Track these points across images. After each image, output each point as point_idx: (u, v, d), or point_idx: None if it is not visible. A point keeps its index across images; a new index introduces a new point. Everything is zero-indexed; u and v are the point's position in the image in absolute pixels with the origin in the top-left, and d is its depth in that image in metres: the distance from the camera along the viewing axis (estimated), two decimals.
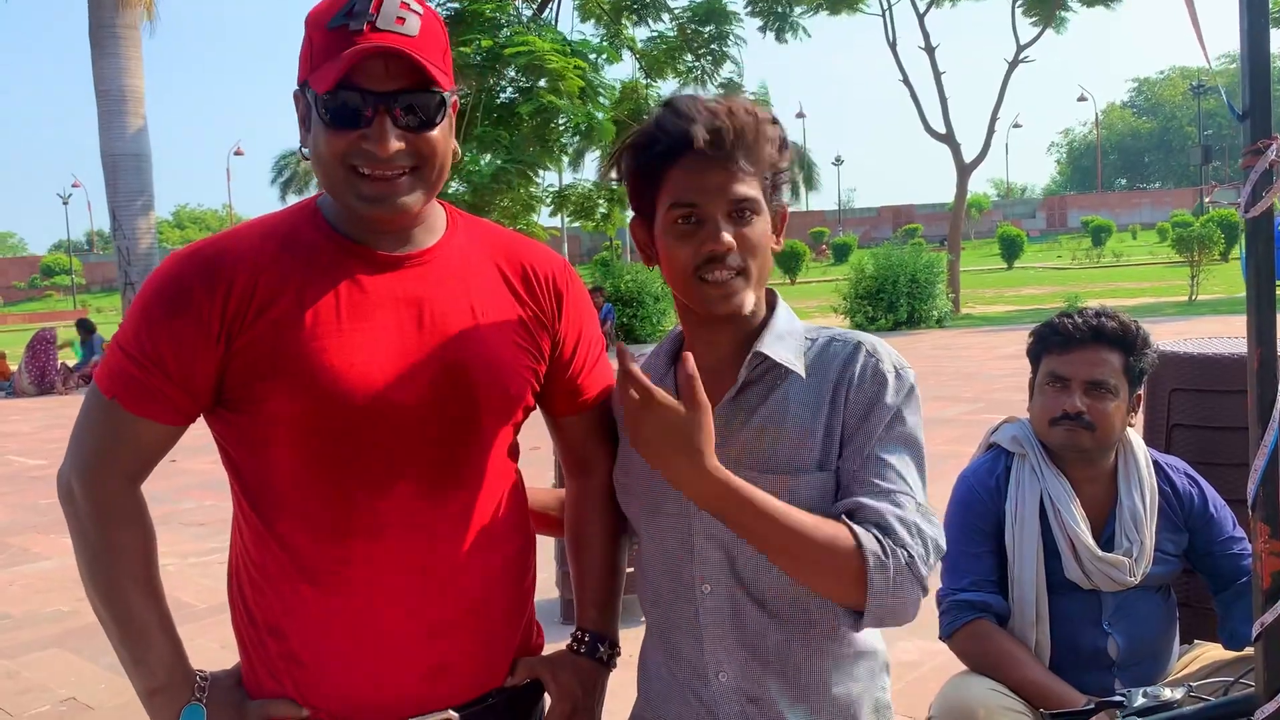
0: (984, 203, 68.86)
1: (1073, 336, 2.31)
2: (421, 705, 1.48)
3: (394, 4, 1.36)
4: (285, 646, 1.46)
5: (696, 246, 1.43)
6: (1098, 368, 2.28)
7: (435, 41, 1.41)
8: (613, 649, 1.69)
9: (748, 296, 1.46)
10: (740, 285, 1.45)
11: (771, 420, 1.48)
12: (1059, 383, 2.31)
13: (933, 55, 23.32)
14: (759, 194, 1.46)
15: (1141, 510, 2.28)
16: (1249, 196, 1.38)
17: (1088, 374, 2.28)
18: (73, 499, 1.44)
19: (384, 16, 1.35)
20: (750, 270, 1.45)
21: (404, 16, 1.37)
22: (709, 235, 1.43)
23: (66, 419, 10.66)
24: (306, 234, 1.46)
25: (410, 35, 1.37)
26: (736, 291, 1.45)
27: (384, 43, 1.35)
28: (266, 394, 1.39)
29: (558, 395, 1.64)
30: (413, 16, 1.38)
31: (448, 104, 1.43)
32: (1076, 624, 2.26)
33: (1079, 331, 2.31)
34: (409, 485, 1.44)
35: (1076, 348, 2.31)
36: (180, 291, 1.39)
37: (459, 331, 1.47)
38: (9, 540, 6.81)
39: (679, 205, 1.44)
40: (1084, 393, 2.28)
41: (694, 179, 1.44)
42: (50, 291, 66.25)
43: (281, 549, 1.44)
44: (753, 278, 1.46)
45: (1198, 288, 22.77)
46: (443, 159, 1.44)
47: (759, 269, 1.47)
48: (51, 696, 4.13)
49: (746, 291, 1.46)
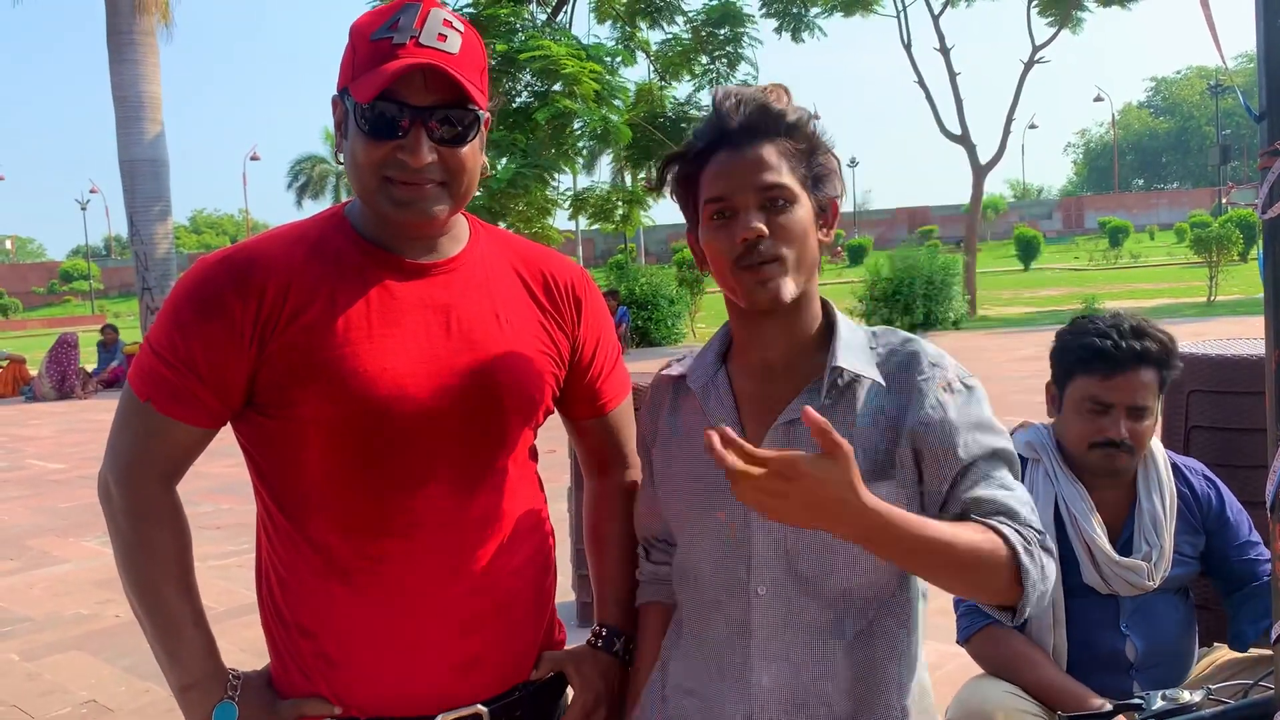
0: (1000, 204, 68.61)
1: (1118, 361, 2.21)
2: (452, 700, 1.51)
3: (437, 20, 1.41)
4: (317, 646, 1.49)
5: (731, 238, 1.43)
6: (1139, 392, 2.21)
7: (474, 60, 1.44)
8: (630, 644, 1.71)
9: (786, 284, 1.43)
10: (776, 272, 1.42)
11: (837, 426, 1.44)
12: (1099, 407, 2.23)
13: (947, 56, 23.26)
14: (792, 182, 1.44)
15: (1161, 514, 2.26)
16: (1266, 197, 1.38)
17: (1132, 399, 2.21)
18: (110, 498, 1.48)
19: (427, 32, 1.39)
20: (786, 258, 1.42)
21: (446, 34, 1.41)
22: (741, 225, 1.42)
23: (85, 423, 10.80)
24: (335, 241, 1.49)
25: (451, 53, 1.41)
26: (773, 278, 1.42)
27: (426, 59, 1.38)
28: (300, 398, 1.41)
29: (577, 399, 1.69)
30: (454, 34, 1.42)
31: (481, 121, 1.46)
32: (1094, 627, 2.24)
33: (1125, 355, 2.20)
34: (439, 485, 1.47)
35: (1119, 372, 2.21)
36: (213, 296, 1.42)
37: (484, 337, 1.51)
38: (29, 543, 6.87)
39: (711, 200, 1.45)
40: (1126, 417, 2.21)
41: (723, 172, 1.44)
42: (69, 297, 66.77)
43: (313, 550, 1.47)
44: (789, 265, 1.43)
45: (1216, 288, 22.61)
46: (471, 174, 1.47)
47: (797, 257, 1.44)
48: (72, 699, 4.16)
49: (785, 279, 1.42)
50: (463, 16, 1.57)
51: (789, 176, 1.44)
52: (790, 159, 1.45)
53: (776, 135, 1.45)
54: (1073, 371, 2.28)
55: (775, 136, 1.45)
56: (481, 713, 1.53)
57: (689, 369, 1.60)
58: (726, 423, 1.50)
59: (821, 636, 1.47)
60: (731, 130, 1.44)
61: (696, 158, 1.48)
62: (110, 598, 5.51)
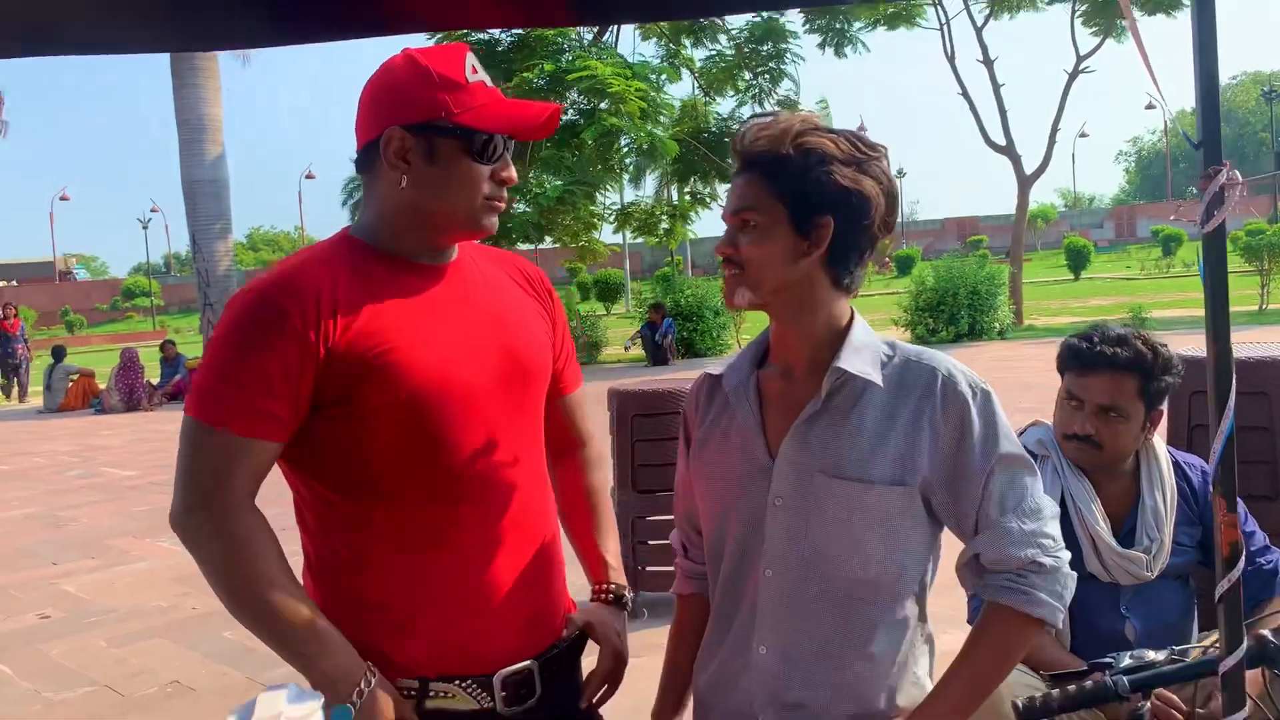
0: (1050, 213, 67.63)
1: (1089, 361, 2.40)
2: (511, 656, 1.63)
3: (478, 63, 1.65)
4: (388, 617, 1.59)
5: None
6: (1110, 393, 2.37)
7: None
8: (633, 595, 1.92)
9: (740, 293, 1.59)
10: (734, 283, 1.59)
11: (846, 428, 1.58)
12: (1074, 401, 2.42)
13: (991, 68, 23.12)
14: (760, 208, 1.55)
15: (1163, 509, 2.41)
16: (1204, 214, 1.58)
17: (1100, 398, 2.38)
18: (199, 534, 1.52)
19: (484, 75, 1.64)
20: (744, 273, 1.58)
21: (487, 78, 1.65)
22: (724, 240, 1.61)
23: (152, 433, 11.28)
24: (356, 258, 1.63)
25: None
26: (732, 288, 1.60)
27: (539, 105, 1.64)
28: (361, 395, 1.54)
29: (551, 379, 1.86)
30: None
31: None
32: (1095, 611, 2.38)
33: (1096, 357, 2.39)
34: (494, 450, 1.63)
35: (1092, 371, 2.39)
36: (277, 315, 1.51)
37: (504, 322, 1.71)
38: (110, 543, 7.23)
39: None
40: (1095, 414, 2.38)
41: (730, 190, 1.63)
42: (131, 313, 67.87)
43: (385, 528, 1.59)
44: (745, 279, 1.58)
45: (1268, 296, 22.23)
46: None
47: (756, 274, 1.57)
48: (158, 679, 4.48)
49: (739, 289, 1.58)
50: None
51: (759, 203, 1.56)
52: (767, 187, 1.55)
53: (760, 164, 1.57)
54: (1062, 369, 2.49)
55: (759, 165, 1.57)
56: (533, 668, 1.66)
57: (725, 370, 1.73)
58: (751, 421, 1.65)
59: (815, 620, 1.60)
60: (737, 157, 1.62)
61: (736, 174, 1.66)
62: (187, 591, 5.83)
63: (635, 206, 20.74)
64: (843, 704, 1.60)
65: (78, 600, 5.81)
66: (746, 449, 1.65)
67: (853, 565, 1.58)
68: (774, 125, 1.57)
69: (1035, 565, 1.57)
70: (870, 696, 1.61)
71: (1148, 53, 1.65)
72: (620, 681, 1.85)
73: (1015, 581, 1.57)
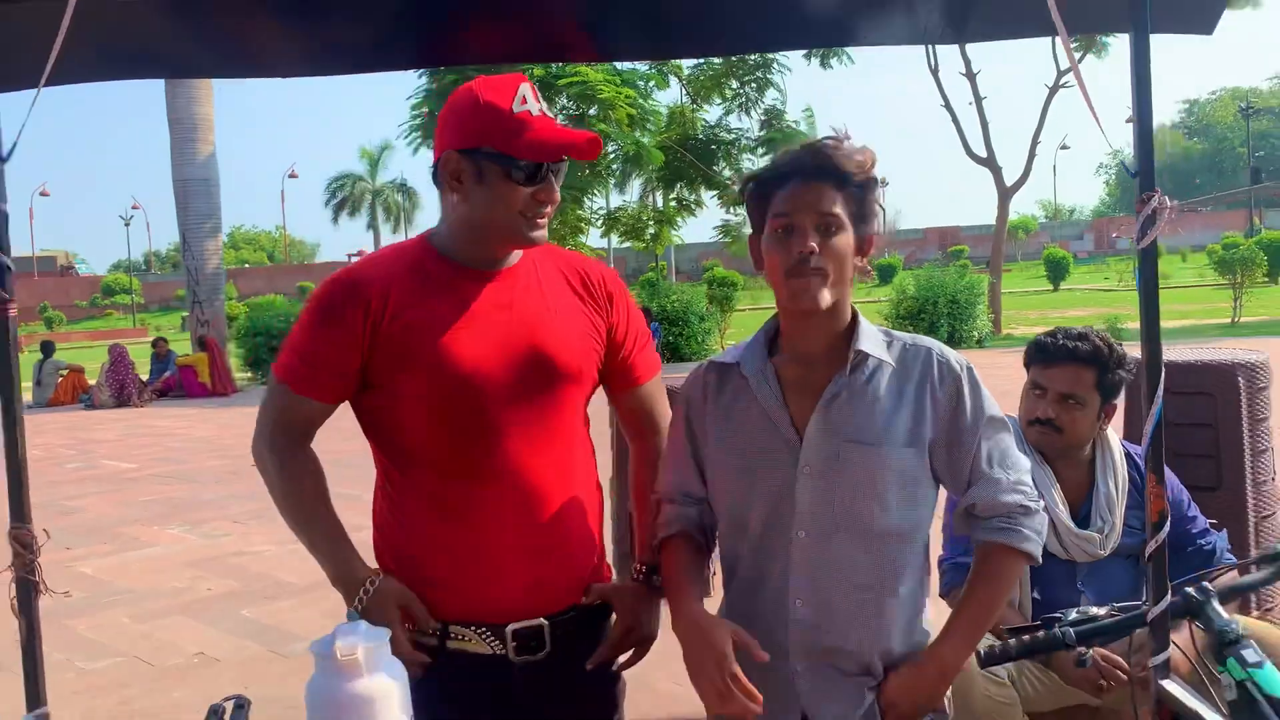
0: (1031, 224, 68.25)
1: (1052, 354, 2.71)
2: (521, 614, 1.88)
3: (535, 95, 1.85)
4: (420, 569, 1.87)
5: (788, 250, 1.76)
6: (1070, 383, 2.66)
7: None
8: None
9: (824, 294, 1.75)
10: (818, 283, 1.75)
11: (865, 401, 1.82)
12: (1038, 390, 2.73)
13: (974, 81, 23.44)
14: (843, 214, 1.77)
15: (1115, 494, 2.70)
16: (1140, 232, 1.82)
17: (1061, 387, 2.67)
18: (264, 458, 1.91)
19: (536, 105, 1.83)
20: (828, 272, 1.76)
21: (542, 105, 1.85)
22: (798, 240, 1.76)
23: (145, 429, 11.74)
24: (424, 260, 1.89)
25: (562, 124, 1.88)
26: (815, 287, 1.75)
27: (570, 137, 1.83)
28: (403, 380, 1.82)
29: (614, 374, 2.06)
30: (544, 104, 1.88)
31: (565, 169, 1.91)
32: (1054, 585, 2.66)
33: (1058, 350, 2.70)
34: (513, 441, 1.85)
35: (1055, 363, 2.70)
36: (333, 308, 1.83)
37: (539, 325, 1.89)
38: (120, 531, 7.41)
39: (779, 215, 1.79)
40: (1056, 402, 2.67)
41: (793, 196, 1.78)
42: (110, 310, 67.35)
43: (421, 495, 1.87)
44: (829, 278, 1.76)
45: (1241, 309, 22.66)
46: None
47: (836, 273, 1.77)
48: (183, 651, 4.72)
49: (824, 290, 1.75)
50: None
51: (841, 210, 1.77)
52: (844, 197, 1.78)
53: (838, 177, 1.78)
54: (1028, 363, 2.80)
55: (838, 177, 1.78)
56: (544, 625, 1.89)
57: (740, 359, 1.91)
58: (773, 404, 1.85)
59: (849, 572, 1.81)
60: (808, 166, 1.79)
61: (777, 178, 1.81)
62: (201, 574, 6.08)
63: (622, 211, 20.94)
64: (874, 642, 1.83)
65: (96, 582, 6.00)
66: (771, 427, 1.84)
67: (878, 518, 1.81)
68: (864, 152, 1.82)
69: (1023, 508, 1.85)
70: (899, 633, 1.86)
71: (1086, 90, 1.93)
72: (641, 656, 2.04)
73: (1008, 522, 1.85)
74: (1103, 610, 2.08)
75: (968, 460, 1.86)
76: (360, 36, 2.11)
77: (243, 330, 21.48)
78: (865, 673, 1.84)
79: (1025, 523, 1.86)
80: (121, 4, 1.80)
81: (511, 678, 1.90)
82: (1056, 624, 2.02)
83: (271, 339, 20.26)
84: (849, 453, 1.80)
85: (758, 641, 1.77)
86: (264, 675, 4.25)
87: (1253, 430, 3.55)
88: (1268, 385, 3.64)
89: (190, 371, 19.03)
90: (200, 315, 20.68)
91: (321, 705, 1.39)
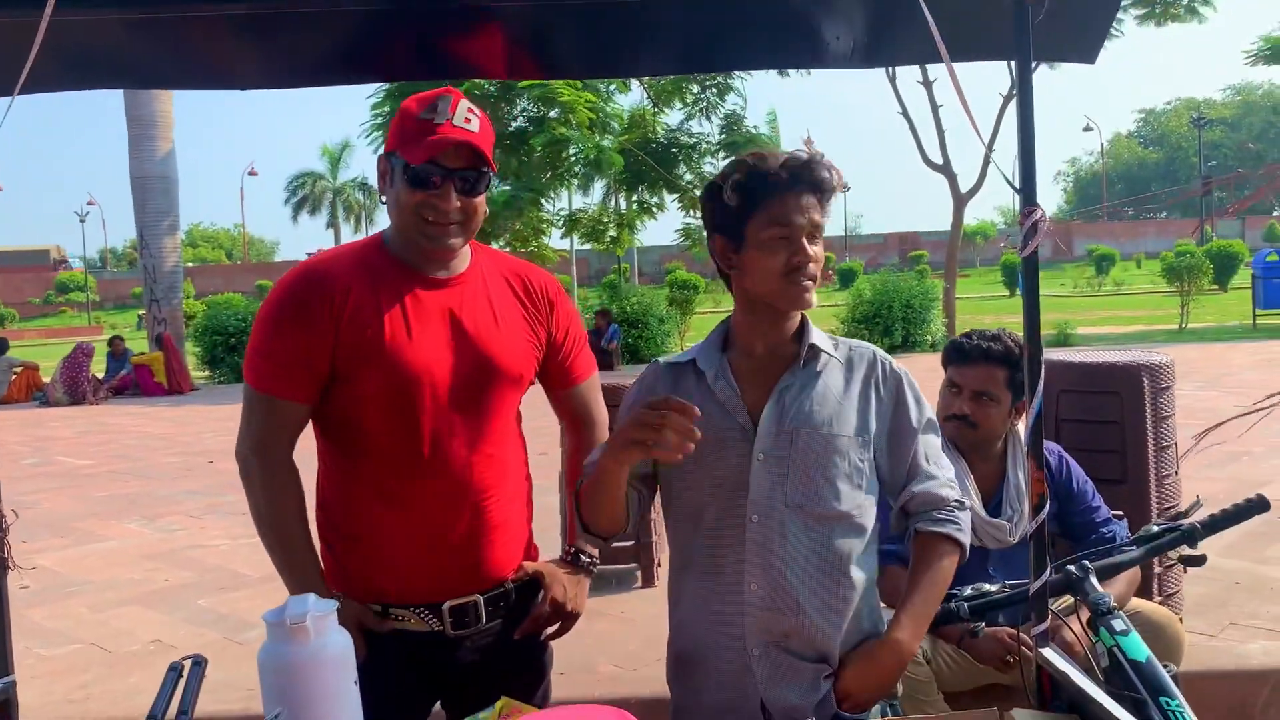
0: (990, 230, 68.83)
1: (967, 354, 2.88)
2: (456, 592, 2.02)
3: (464, 109, 1.94)
4: (362, 548, 2.00)
5: (786, 256, 1.86)
6: (983, 381, 2.84)
7: (488, 136, 2.00)
8: (591, 558, 2.22)
9: (813, 295, 1.91)
10: (811, 286, 1.90)
11: (816, 391, 1.93)
12: (955, 388, 2.91)
13: (930, 89, 23.64)
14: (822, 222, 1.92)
15: (1024, 486, 2.85)
16: (1022, 242, 1.95)
17: (975, 385, 2.85)
18: (250, 468, 1.98)
19: (458, 116, 1.92)
20: (816, 276, 1.91)
21: (469, 117, 1.94)
22: (798, 248, 1.87)
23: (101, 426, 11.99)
24: (378, 261, 2.00)
25: (474, 131, 1.94)
26: (810, 290, 1.89)
27: (460, 136, 1.91)
28: (359, 376, 1.93)
29: (553, 375, 2.21)
30: (475, 118, 1.96)
31: (488, 179, 2.01)
32: (966, 571, 2.68)
33: (973, 350, 2.87)
34: (457, 438, 1.98)
35: (969, 363, 2.87)
36: (301, 306, 1.92)
37: (485, 334, 2.02)
38: (76, 525, 7.43)
39: (777, 223, 1.86)
40: (971, 399, 2.85)
41: (796, 205, 1.87)
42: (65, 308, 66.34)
43: (367, 482, 1.98)
44: (816, 283, 1.91)
45: (1188, 316, 23.05)
46: (480, 217, 2.01)
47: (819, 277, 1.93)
48: (140, 639, 4.79)
49: (813, 291, 1.90)
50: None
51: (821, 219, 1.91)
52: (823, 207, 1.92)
53: (822, 189, 1.91)
54: (946, 363, 2.99)
55: (822, 189, 1.91)
56: (479, 600, 2.03)
57: (698, 357, 1.99)
58: (731, 397, 1.92)
59: (802, 553, 1.88)
60: (808, 179, 1.88)
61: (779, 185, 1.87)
62: (158, 566, 6.13)
63: (583, 213, 20.97)
64: (829, 624, 1.89)
65: (54, 574, 6.05)
66: (727, 416, 1.92)
67: (829, 501, 1.89)
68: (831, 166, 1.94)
69: (958, 502, 1.99)
70: (854, 615, 1.92)
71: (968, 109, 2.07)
72: (567, 628, 2.18)
73: (947, 514, 1.97)
74: (994, 588, 2.26)
75: (907, 456, 1.99)
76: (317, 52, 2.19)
77: (200, 328, 21.33)
78: (821, 659, 1.90)
79: (960, 516, 1.99)
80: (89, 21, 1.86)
81: (448, 652, 2.04)
82: (953, 599, 2.19)
83: (229, 337, 20.17)
84: (801, 438, 1.90)
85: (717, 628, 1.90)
86: (220, 659, 4.31)
87: (1156, 427, 3.80)
88: (1170, 385, 3.90)
89: (146, 370, 18.90)
90: (157, 313, 20.49)
91: (273, 670, 1.46)
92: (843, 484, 1.92)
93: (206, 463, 10.14)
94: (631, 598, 4.91)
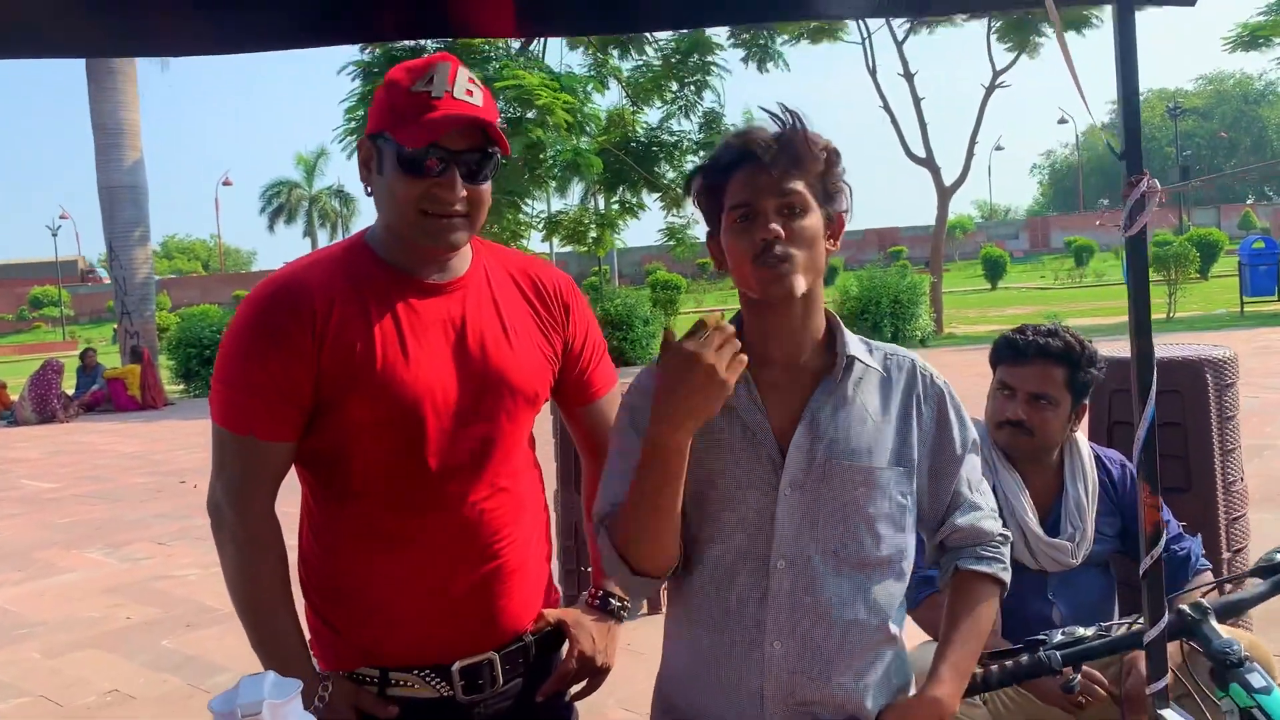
0: (968, 224, 69.23)
1: (1022, 351, 2.56)
2: (468, 648, 1.74)
3: (464, 79, 1.64)
4: (356, 605, 1.71)
5: (751, 238, 1.59)
6: (1040, 381, 2.53)
7: (494, 112, 1.69)
8: (623, 602, 1.93)
9: (798, 280, 1.59)
10: (789, 269, 1.58)
11: (853, 413, 1.66)
12: (1007, 391, 2.58)
13: (911, 82, 23.64)
14: (806, 192, 1.62)
15: (1085, 500, 2.57)
16: (1127, 218, 1.74)
17: (1032, 386, 2.53)
18: (225, 523, 1.68)
19: (458, 88, 1.63)
20: (797, 258, 1.59)
21: (471, 89, 1.64)
22: (760, 226, 1.59)
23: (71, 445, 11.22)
24: (362, 266, 1.70)
25: (479, 106, 1.65)
26: (786, 274, 1.58)
27: (465, 111, 1.62)
28: (348, 404, 1.64)
29: (570, 389, 1.91)
30: (477, 90, 1.66)
31: (497, 161, 1.70)
32: (1023, 597, 2.48)
33: (1029, 347, 2.55)
34: (465, 470, 1.70)
35: (1025, 362, 2.55)
36: (275, 324, 1.62)
37: (494, 346, 1.74)
38: (35, 555, 7.11)
39: (737, 206, 1.62)
40: (1026, 402, 2.53)
41: (748, 182, 1.61)
42: (39, 323, 65.82)
43: (360, 526, 1.70)
44: (799, 264, 1.59)
45: (1175, 305, 23.09)
46: (487, 206, 1.72)
47: (807, 258, 1.61)
48: (95, 689, 4.45)
49: (796, 276, 1.59)
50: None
51: (804, 188, 1.62)
52: (806, 175, 1.62)
53: (796, 155, 1.62)
54: (995, 362, 2.65)
55: (796, 156, 1.62)
56: (494, 658, 1.76)
57: None
58: (755, 413, 1.65)
59: (835, 607, 1.62)
60: (758, 148, 1.61)
61: (724, 170, 1.64)
62: (119, 602, 5.78)
63: (563, 215, 20.79)
64: (862, 690, 1.63)
65: (6, 613, 5.72)
66: (749, 438, 1.65)
67: (867, 545, 1.64)
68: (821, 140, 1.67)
69: (1003, 536, 1.77)
70: (889, 675, 1.68)
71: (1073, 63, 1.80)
72: (597, 685, 1.91)
73: (992, 551, 1.75)
74: (1090, 631, 1.99)
75: (950, 484, 1.74)
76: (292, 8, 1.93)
77: (174, 341, 21.00)
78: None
79: (1004, 552, 1.77)
80: None
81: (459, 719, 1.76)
82: (1040, 647, 1.93)
83: (204, 349, 19.87)
84: (835, 470, 1.63)
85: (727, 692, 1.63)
86: (182, 712, 4.00)
87: (1221, 429, 3.45)
88: (1234, 381, 3.55)
89: (119, 384, 18.50)
90: (129, 326, 20.38)
91: None
92: (883, 526, 1.66)
93: (178, 482, 9.84)
94: (639, 626, 4.50)
